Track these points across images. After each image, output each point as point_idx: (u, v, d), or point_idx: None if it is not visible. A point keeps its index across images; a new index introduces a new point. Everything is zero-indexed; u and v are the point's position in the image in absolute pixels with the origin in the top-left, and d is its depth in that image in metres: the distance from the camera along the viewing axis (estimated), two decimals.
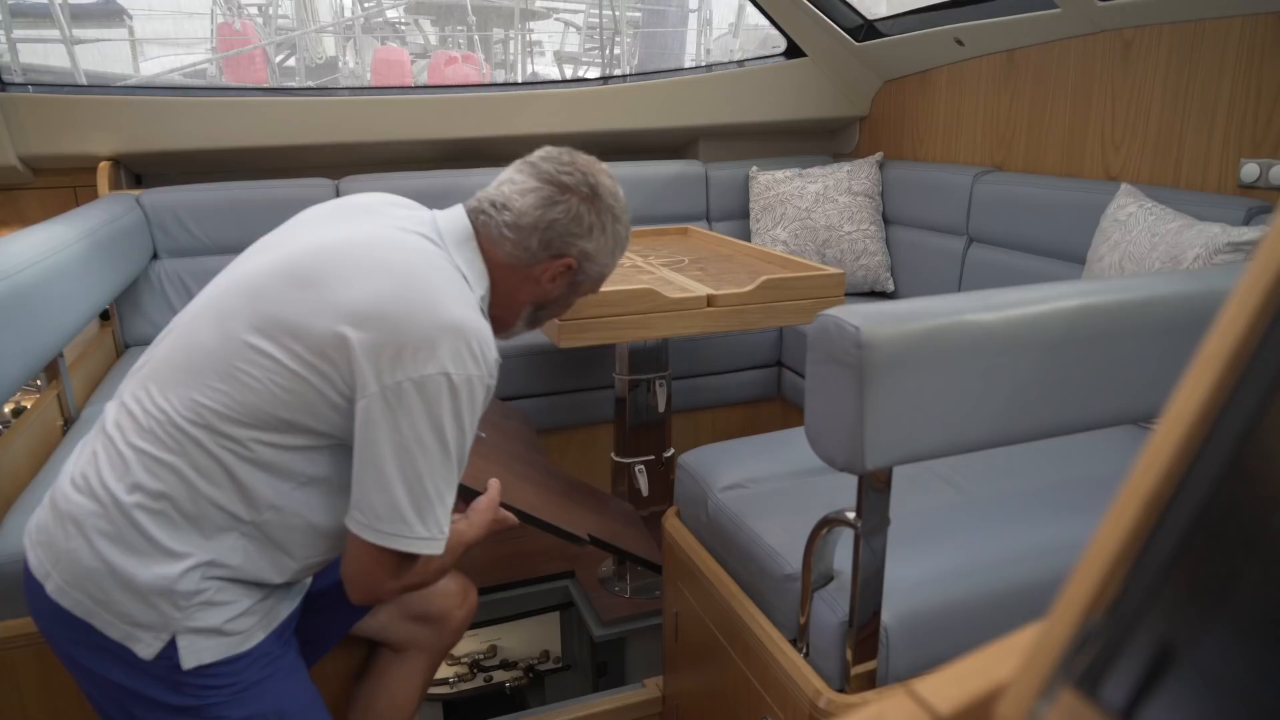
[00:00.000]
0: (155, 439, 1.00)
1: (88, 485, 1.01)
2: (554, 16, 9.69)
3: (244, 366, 0.99)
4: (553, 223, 1.13)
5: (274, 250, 1.09)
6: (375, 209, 1.15)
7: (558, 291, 1.20)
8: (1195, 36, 1.93)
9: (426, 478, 1.00)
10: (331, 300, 0.99)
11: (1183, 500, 0.29)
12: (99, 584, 0.99)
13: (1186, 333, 1.06)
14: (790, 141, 3.21)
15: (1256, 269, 0.29)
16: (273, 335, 0.99)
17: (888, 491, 1.05)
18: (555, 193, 1.13)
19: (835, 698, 1.12)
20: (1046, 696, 0.31)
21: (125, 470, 1.00)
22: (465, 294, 1.05)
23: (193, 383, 1.00)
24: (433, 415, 0.98)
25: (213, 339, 1.02)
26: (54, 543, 1.02)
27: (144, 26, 7.60)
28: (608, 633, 1.98)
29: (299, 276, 1.02)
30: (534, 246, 1.13)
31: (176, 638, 1.01)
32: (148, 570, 0.99)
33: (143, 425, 1.01)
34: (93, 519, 1.00)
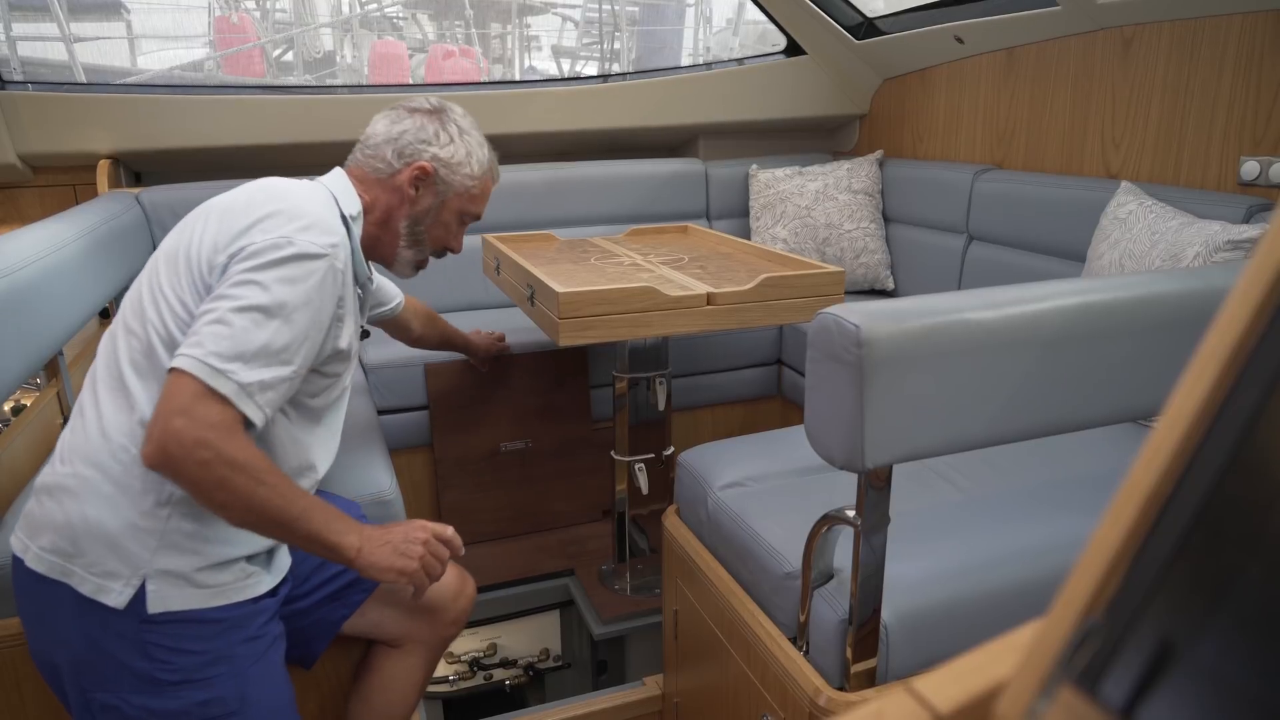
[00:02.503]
0: (109, 390, 1.11)
1: (60, 455, 1.10)
2: (552, 11, 9.68)
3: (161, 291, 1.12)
4: (401, 134, 1.31)
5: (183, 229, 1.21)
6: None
7: (424, 203, 1.34)
8: (1195, 34, 1.93)
9: (243, 323, 1.03)
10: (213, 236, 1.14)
11: (1182, 498, 0.29)
12: (71, 538, 1.05)
13: (1186, 331, 1.06)
14: (790, 139, 3.21)
15: (1256, 267, 0.29)
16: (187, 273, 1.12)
17: (887, 489, 1.05)
18: (402, 113, 1.34)
19: (835, 696, 1.12)
20: (1046, 694, 0.31)
21: (87, 424, 1.10)
22: (321, 197, 1.21)
23: (132, 322, 1.13)
24: (267, 268, 1.07)
25: (141, 299, 1.15)
26: (32, 516, 1.10)
27: (142, 20, 7.59)
28: (607, 631, 1.98)
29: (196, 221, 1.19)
30: (389, 157, 1.31)
31: (146, 582, 1.05)
32: (115, 514, 1.05)
33: (102, 381, 1.13)
34: (65, 480, 1.07)
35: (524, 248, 2.30)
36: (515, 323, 2.36)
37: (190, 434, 0.99)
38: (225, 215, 1.14)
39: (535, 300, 1.80)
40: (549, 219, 2.79)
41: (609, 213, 2.88)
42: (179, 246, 1.15)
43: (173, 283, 1.12)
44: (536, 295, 1.79)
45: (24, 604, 1.11)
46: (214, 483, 1.00)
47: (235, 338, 1.03)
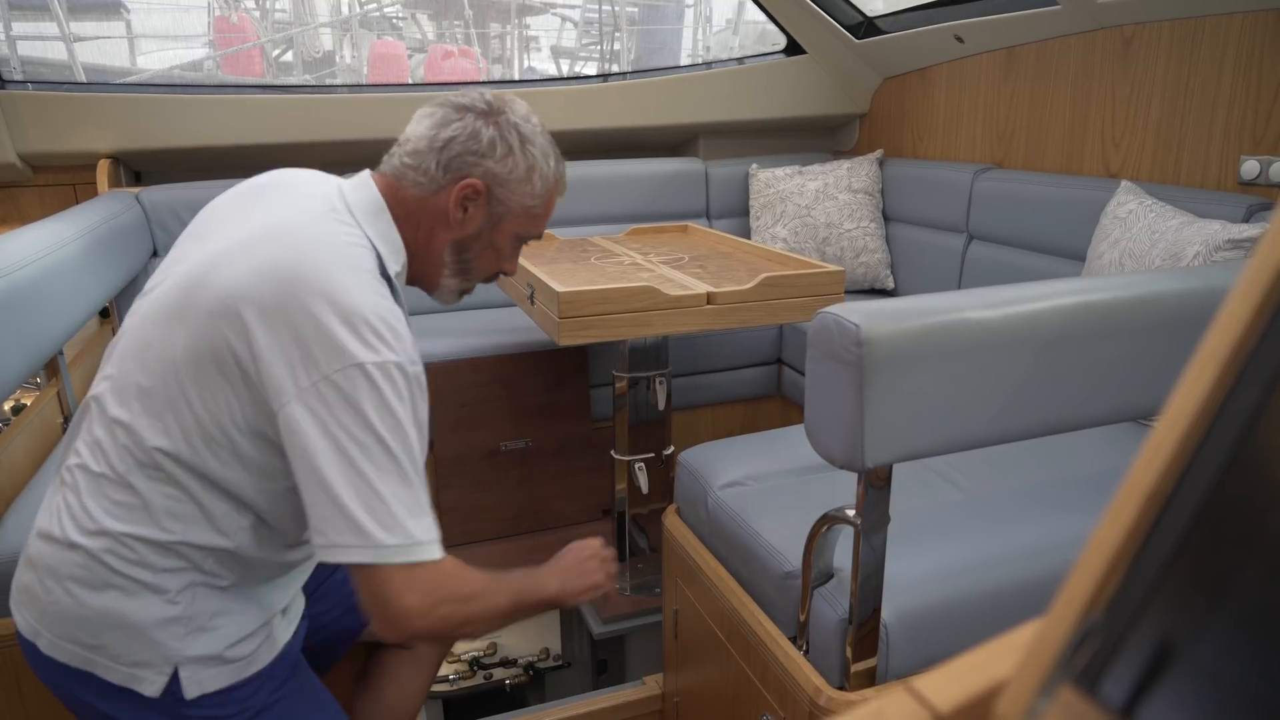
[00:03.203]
0: (111, 482, 0.97)
1: (53, 535, 0.99)
2: (551, 11, 9.68)
3: (183, 396, 0.96)
4: (449, 141, 1.06)
5: (178, 269, 1.03)
6: (278, 193, 1.09)
7: (474, 225, 1.10)
8: (1195, 33, 1.93)
9: (374, 479, 0.90)
10: None
11: (1182, 497, 0.29)
12: (90, 630, 0.97)
13: (1186, 330, 1.06)
14: (790, 139, 3.21)
15: (1256, 266, 0.29)
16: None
17: (887, 489, 1.05)
18: (450, 113, 1.08)
19: (835, 695, 1.12)
20: (1046, 693, 0.31)
21: (89, 517, 0.97)
22: (362, 272, 0.98)
23: (138, 420, 0.97)
24: (357, 410, 0.90)
25: (145, 377, 0.98)
26: (36, 599, 0.99)
27: (142, 20, 7.59)
28: (607, 630, 1.98)
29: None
30: (434, 170, 1.06)
31: (179, 669, 0.98)
32: (136, 606, 0.97)
33: (94, 471, 0.98)
34: (71, 567, 0.97)
35: (524, 247, 2.30)
36: (515, 322, 2.36)
37: (424, 608, 0.93)
38: (254, 307, 0.92)
39: (535, 300, 1.80)
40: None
41: (609, 212, 2.88)
42: (199, 345, 0.95)
43: (200, 391, 0.95)
44: (536, 295, 1.79)
45: (49, 679, 1.03)
46: (460, 622, 0.99)
47: (386, 499, 0.91)
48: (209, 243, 1.03)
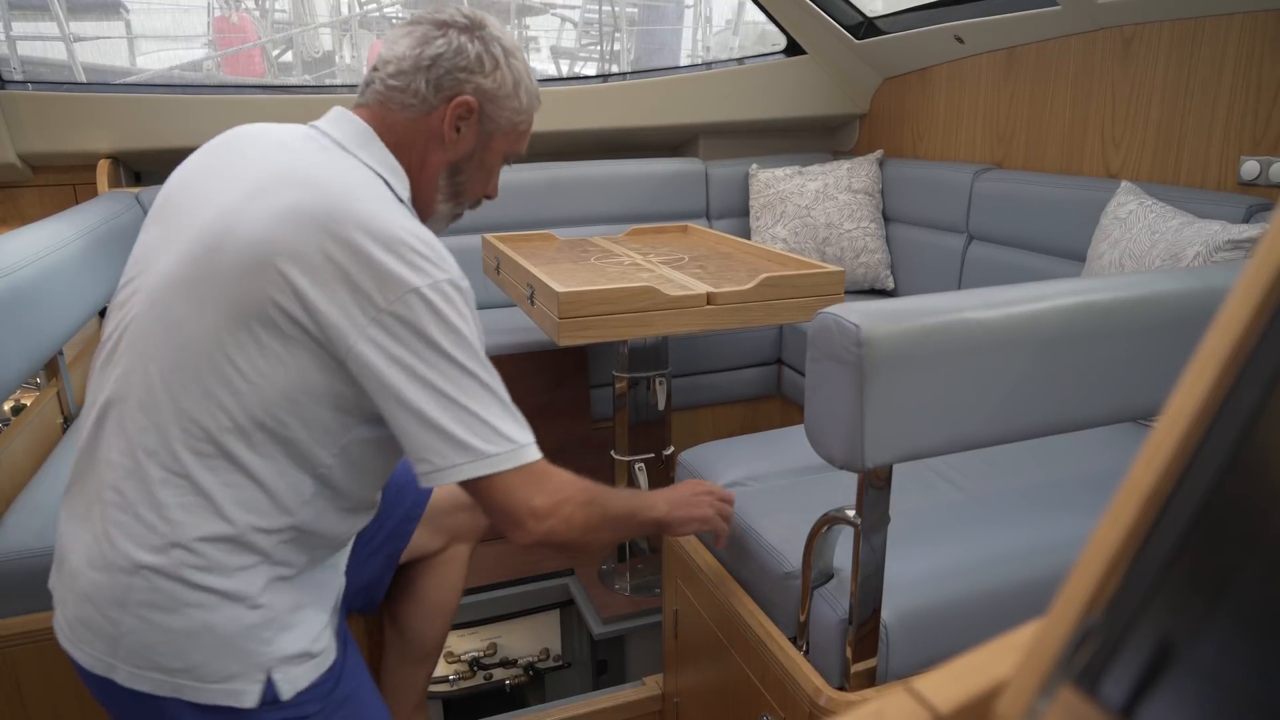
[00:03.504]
0: (166, 484, 0.91)
1: (112, 562, 0.92)
2: (550, 12, 9.67)
3: (231, 365, 0.91)
4: (436, 59, 1.03)
5: (178, 240, 0.96)
6: (253, 144, 1.04)
7: (466, 145, 1.07)
8: (1195, 34, 1.93)
9: (459, 398, 0.91)
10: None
11: (1182, 498, 0.29)
12: (174, 654, 0.91)
13: (1186, 330, 1.06)
14: (790, 139, 3.21)
15: (1256, 267, 0.29)
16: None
17: (888, 489, 1.05)
18: (430, 29, 1.04)
19: (835, 695, 1.12)
20: (1046, 694, 0.31)
21: (152, 531, 0.91)
22: (384, 199, 0.96)
23: (184, 405, 0.91)
24: (424, 335, 0.90)
25: (180, 357, 0.92)
26: (103, 632, 0.92)
27: (141, 21, 7.59)
28: (607, 630, 1.98)
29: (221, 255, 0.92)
30: (424, 90, 1.03)
31: (272, 673, 0.95)
32: (220, 619, 0.92)
33: (145, 477, 0.92)
34: (137, 593, 0.91)
35: (524, 247, 2.30)
36: (515, 322, 2.36)
37: (550, 507, 0.97)
38: (289, 256, 0.89)
39: (535, 300, 1.80)
40: (549, 219, 2.78)
41: (609, 212, 2.88)
42: (238, 309, 0.90)
43: (247, 356, 0.91)
44: (536, 295, 1.79)
45: (120, 712, 0.98)
46: (583, 526, 1.01)
47: (477, 414, 0.92)
48: (204, 207, 0.96)
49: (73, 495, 0.99)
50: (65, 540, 0.98)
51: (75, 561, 0.95)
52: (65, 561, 0.97)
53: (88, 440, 0.98)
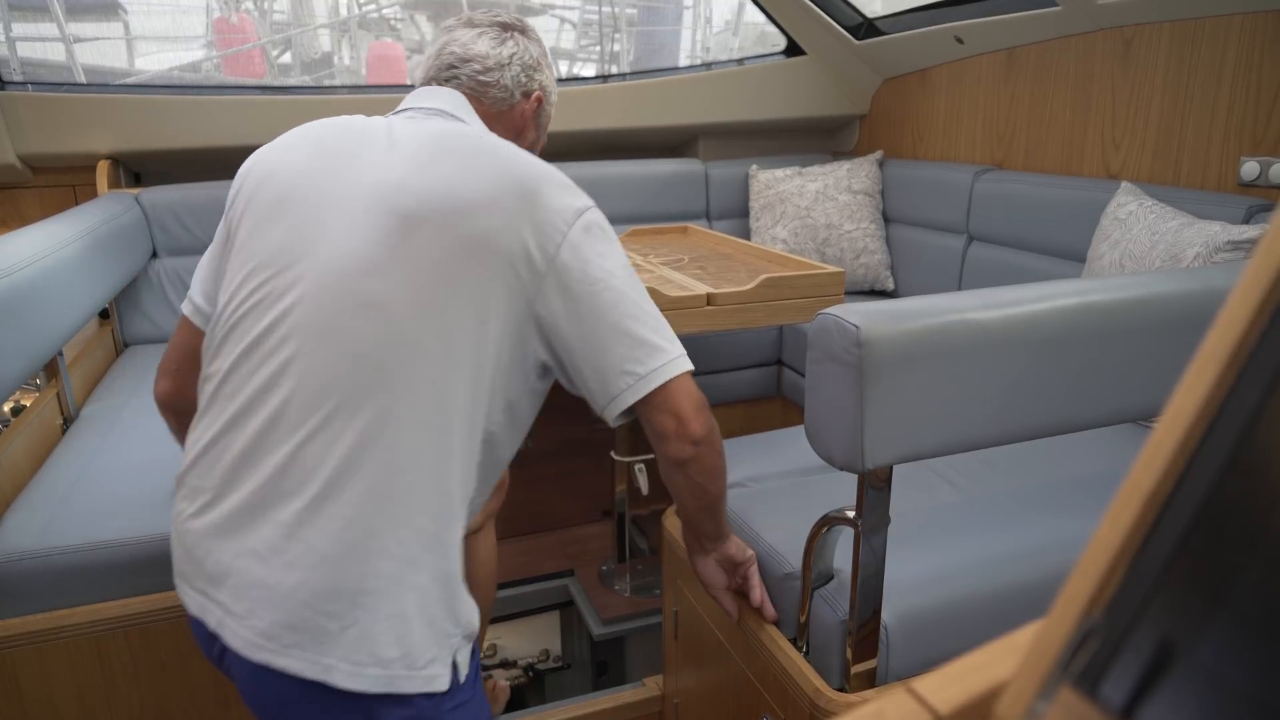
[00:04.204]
0: (385, 466, 0.90)
1: (324, 555, 0.89)
2: (549, 13, 9.67)
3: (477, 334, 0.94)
4: (512, 57, 1.14)
5: (344, 223, 0.96)
6: (375, 125, 1.06)
7: (533, 134, 1.20)
8: (1195, 34, 1.93)
9: (642, 302, 1.00)
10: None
11: (1182, 498, 0.29)
12: (395, 640, 0.90)
13: (1186, 331, 1.06)
14: (790, 140, 3.21)
15: (1256, 267, 0.29)
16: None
17: (888, 490, 1.05)
18: (498, 30, 1.15)
19: (835, 696, 1.12)
20: (1046, 695, 0.31)
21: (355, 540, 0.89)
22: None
23: (400, 381, 0.91)
24: (601, 249, 0.99)
25: (417, 332, 0.92)
26: (320, 633, 0.89)
27: (141, 22, 7.59)
28: (607, 631, 1.98)
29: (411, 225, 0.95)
30: (509, 85, 1.14)
31: (456, 655, 0.96)
32: (430, 598, 0.92)
33: (368, 457, 0.90)
34: (356, 579, 0.89)
35: None
36: None
37: (703, 402, 1.03)
38: (488, 213, 0.94)
39: None
40: None
41: (609, 213, 2.82)
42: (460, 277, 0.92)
43: (462, 315, 0.93)
44: None
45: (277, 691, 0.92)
46: (717, 445, 1.05)
47: (656, 316, 1.01)
48: (360, 186, 0.97)
49: (228, 501, 0.93)
50: (230, 551, 0.92)
51: (263, 569, 0.90)
52: (239, 574, 0.91)
53: (255, 439, 0.92)
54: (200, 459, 0.96)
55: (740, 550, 1.24)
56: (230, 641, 0.91)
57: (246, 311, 0.97)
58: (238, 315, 0.97)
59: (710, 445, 1.04)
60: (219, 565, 0.93)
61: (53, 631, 1.30)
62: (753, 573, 1.24)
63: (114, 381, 2.07)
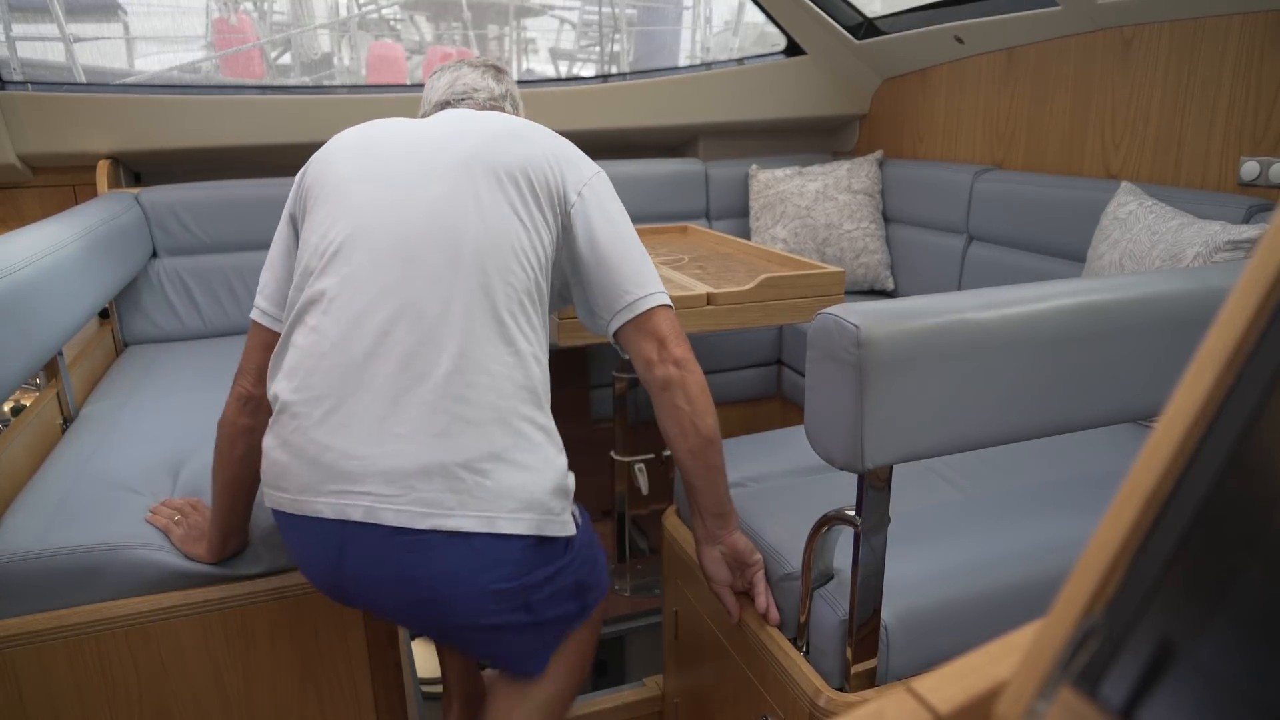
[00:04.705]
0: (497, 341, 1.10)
1: (464, 424, 1.06)
2: (549, 14, 9.67)
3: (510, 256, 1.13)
4: (507, 92, 1.40)
5: (410, 186, 1.14)
6: (418, 123, 1.24)
7: None
8: (1195, 34, 1.93)
9: (635, 243, 1.22)
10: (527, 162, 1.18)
11: (1182, 498, 0.29)
12: (540, 491, 1.09)
13: (1186, 331, 1.06)
14: (790, 140, 3.21)
15: (1256, 267, 0.29)
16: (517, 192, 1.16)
17: (888, 490, 1.05)
18: (492, 71, 1.40)
19: (835, 696, 1.12)
20: (1046, 695, 0.31)
21: (500, 393, 1.08)
22: None
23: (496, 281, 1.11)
24: (609, 199, 1.23)
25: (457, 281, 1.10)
26: (483, 488, 1.06)
27: (140, 23, 7.59)
28: (607, 631, 1.98)
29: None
30: (516, 113, 1.38)
31: (573, 507, 1.18)
32: (548, 458, 1.12)
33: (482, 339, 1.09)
34: (494, 447, 1.07)
35: None
36: None
37: (689, 349, 1.19)
38: (526, 144, 1.19)
39: None
40: None
41: None
42: (497, 165, 1.15)
43: (529, 212, 1.16)
44: None
45: (493, 577, 1.08)
46: (703, 385, 1.20)
47: (647, 262, 1.21)
48: (429, 164, 1.16)
49: (358, 400, 1.07)
50: (370, 443, 1.06)
51: (413, 447, 1.05)
52: (387, 458, 1.05)
53: (374, 342, 1.07)
54: (313, 374, 1.08)
55: (749, 551, 1.25)
56: (391, 521, 1.04)
57: (343, 243, 1.12)
58: (333, 248, 1.12)
59: (692, 370, 1.19)
60: (361, 459, 1.05)
61: (53, 631, 1.30)
62: (759, 578, 1.25)
63: (114, 381, 2.07)
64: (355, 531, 1.06)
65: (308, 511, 1.08)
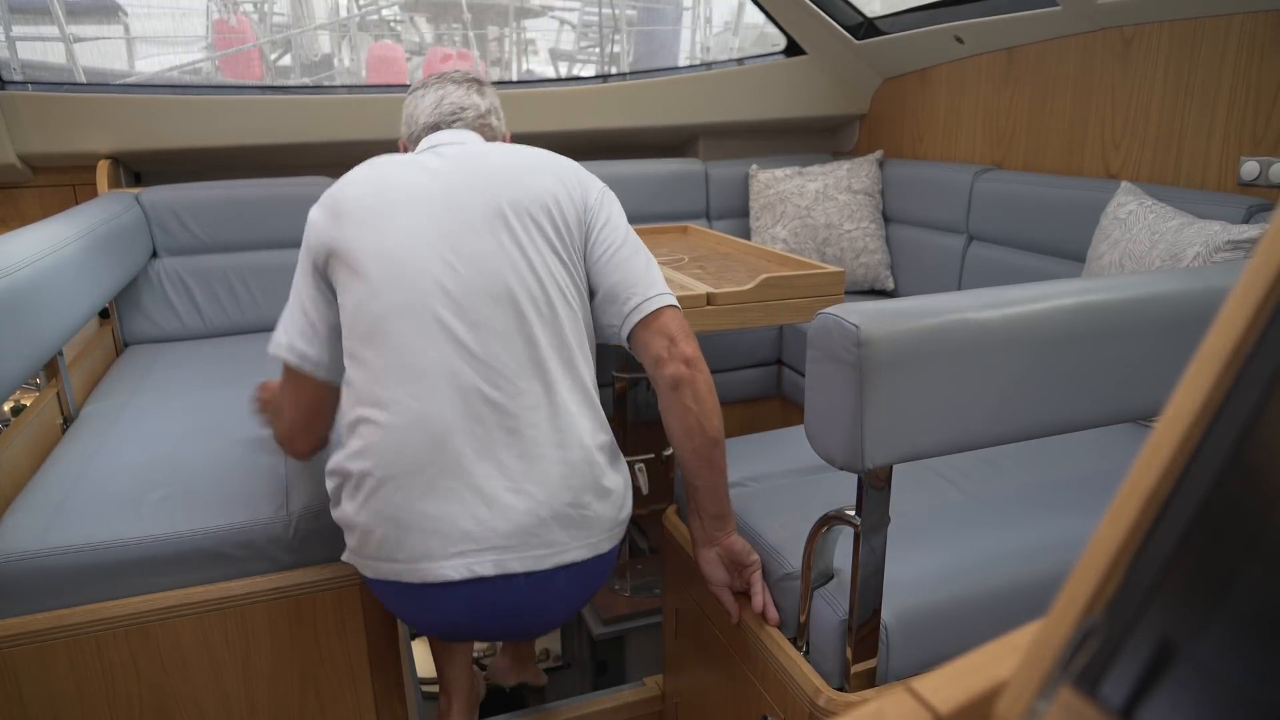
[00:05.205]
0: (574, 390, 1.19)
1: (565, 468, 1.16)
2: (549, 14, 9.67)
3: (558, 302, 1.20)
4: (492, 107, 1.41)
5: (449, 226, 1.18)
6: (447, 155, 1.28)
7: None
8: (1195, 34, 1.93)
9: (643, 249, 1.29)
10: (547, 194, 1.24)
11: (1182, 498, 0.29)
12: (611, 509, 1.20)
13: (1186, 331, 1.06)
14: (790, 140, 3.21)
15: (1256, 267, 0.29)
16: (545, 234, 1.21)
17: (888, 489, 1.05)
18: (478, 85, 1.42)
19: (835, 696, 1.12)
20: (1046, 695, 0.31)
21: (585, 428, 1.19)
22: None
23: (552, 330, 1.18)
24: (617, 210, 1.31)
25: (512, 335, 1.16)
26: (585, 520, 1.17)
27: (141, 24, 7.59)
28: (607, 631, 1.98)
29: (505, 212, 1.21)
30: (497, 126, 1.41)
31: None
32: (615, 485, 1.22)
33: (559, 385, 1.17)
34: (589, 473, 1.18)
35: None
36: None
37: (698, 348, 1.23)
38: (542, 175, 1.24)
39: None
40: None
41: None
42: (529, 205, 1.20)
43: (565, 246, 1.22)
44: None
45: (565, 597, 1.20)
46: (711, 385, 1.22)
47: (655, 266, 1.27)
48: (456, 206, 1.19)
49: (456, 463, 1.12)
50: (476, 502, 1.12)
51: (525, 500, 1.13)
52: (501, 512, 1.12)
53: (461, 412, 1.12)
54: (404, 449, 1.12)
55: (746, 551, 1.25)
56: (519, 569, 1.13)
57: (403, 311, 1.14)
58: (393, 316, 1.14)
59: (702, 370, 1.21)
60: (480, 520, 1.12)
61: (53, 631, 1.30)
62: (756, 578, 1.25)
63: (114, 381, 2.07)
64: (486, 585, 1.13)
65: (431, 579, 1.13)
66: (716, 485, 1.23)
